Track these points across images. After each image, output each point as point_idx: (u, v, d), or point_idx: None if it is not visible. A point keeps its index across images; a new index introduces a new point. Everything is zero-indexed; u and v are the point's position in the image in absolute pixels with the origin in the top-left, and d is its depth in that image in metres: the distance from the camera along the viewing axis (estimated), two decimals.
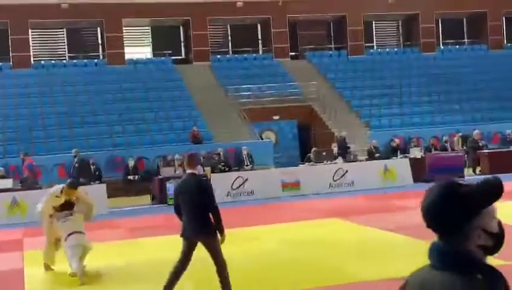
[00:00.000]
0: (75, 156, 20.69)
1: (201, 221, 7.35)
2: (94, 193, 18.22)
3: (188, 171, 7.70)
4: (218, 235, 7.30)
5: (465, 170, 22.05)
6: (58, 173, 21.07)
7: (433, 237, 2.24)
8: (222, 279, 7.38)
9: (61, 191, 9.73)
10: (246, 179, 19.59)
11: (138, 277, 9.54)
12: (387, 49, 33.96)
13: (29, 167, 19.74)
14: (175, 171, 20.18)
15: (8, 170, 20.22)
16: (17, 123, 24.32)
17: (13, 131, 23.91)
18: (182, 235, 7.48)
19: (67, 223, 9.53)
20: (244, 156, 22.10)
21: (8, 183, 18.61)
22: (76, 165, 20.46)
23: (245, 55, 32.11)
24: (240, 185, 19.50)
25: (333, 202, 17.32)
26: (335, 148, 22.11)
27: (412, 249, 10.29)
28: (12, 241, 13.65)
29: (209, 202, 7.40)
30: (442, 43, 34.42)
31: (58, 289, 9.21)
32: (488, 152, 22.50)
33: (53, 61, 30.07)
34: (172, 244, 12.05)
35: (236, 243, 11.87)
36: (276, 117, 27.14)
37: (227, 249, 9.95)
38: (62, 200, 9.65)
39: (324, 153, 22.15)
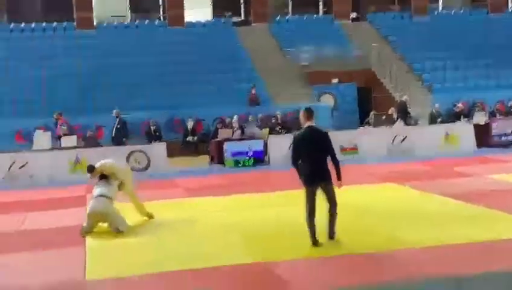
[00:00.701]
0: (116, 117, 20.94)
1: (324, 169, 8.43)
2: (154, 153, 18.70)
3: (307, 124, 8.54)
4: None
5: None
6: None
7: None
8: (333, 217, 8.54)
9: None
10: None
11: (193, 234, 9.69)
12: (453, 10, 32.82)
13: (62, 126, 20.13)
14: (232, 133, 20.27)
15: (72, 128, 20.72)
16: (79, 81, 24.73)
17: (75, 91, 24.36)
18: (306, 183, 8.42)
19: (98, 188, 10.32)
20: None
21: (72, 141, 19.11)
22: (118, 126, 20.74)
23: (305, 16, 31.68)
24: None
25: (392, 167, 17.05)
26: (394, 113, 21.70)
27: (472, 215, 10.08)
28: (76, 197, 14.07)
29: (333, 152, 8.50)
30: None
31: (119, 244, 9.43)
32: None
33: (115, 23, 30.48)
34: (228, 204, 12.30)
35: (297, 204, 11.94)
36: (335, 80, 26.78)
37: (291, 210, 10.03)
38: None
39: (383, 117, 21.77)
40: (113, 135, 20.68)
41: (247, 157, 19.00)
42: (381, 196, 12.50)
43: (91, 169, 10.64)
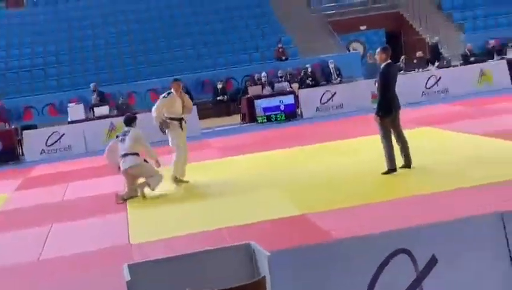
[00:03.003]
0: (93, 91, 20.28)
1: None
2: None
3: (387, 61, 9.37)
4: None
5: None
6: (150, 98, 21.58)
7: None
8: (407, 144, 9.46)
9: None
10: (335, 93, 19.29)
11: (232, 193, 9.73)
12: None
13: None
14: (262, 89, 20.15)
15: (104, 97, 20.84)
16: (95, 52, 24.77)
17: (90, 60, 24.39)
18: (394, 111, 9.35)
19: (121, 144, 10.18)
20: (331, 70, 21.69)
21: (104, 110, 19.25)
22: (98, 98, 20.19)
23: None
24: (328, 100, 19.24)
25: (428, 110, 16.80)
26: (425, 56, 21.28)
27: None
28: None
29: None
30: None
31: (159, 208, 9.52)
32: None
33: None
34: (262, 161, 12.29)
35: (334, 155, 11.90)
36: (363, 27, 26.32)
37: (341, 161, 9.99)
38: None
39: (415, 61, 21.37)
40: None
41: (280, 112, 18.90)
42: (422, 139, 12.24)
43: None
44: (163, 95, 10.91)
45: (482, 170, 9.01)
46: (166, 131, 10.65)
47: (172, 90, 10.70)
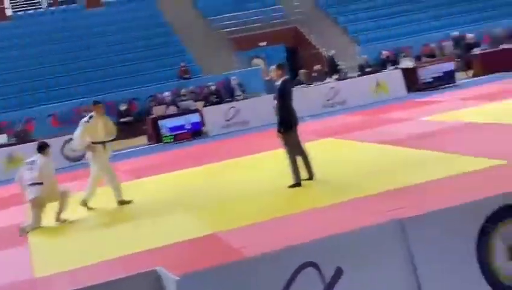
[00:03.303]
0: None
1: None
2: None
3: (284, 77, 9.68)
4: None
5: (459, 74, 21.91)
6: (51, 123, 20.93)
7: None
8: (308, 164, 9.68)
9: None
10: (239, 109, 19.47)
11: (141, 216, 9.58)
12: None
13: None
14: (166, 109, 20.02)
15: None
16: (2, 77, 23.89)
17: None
18: (290, 127, 9.50)
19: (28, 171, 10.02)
20: (235, 86, 21.88)
21: (2, 139, 18.48)
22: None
23: None
24: (233, 116, 19.39)
25: (328, 122, 17.28)
26: (320, 68, 21.94)
27: (410, 159, 10.34)
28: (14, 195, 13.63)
29: None
30: None
31: (62, 237, 9.23)
32: (480, 53, 22.29)
33: (31, 11, 29.40)
34: (170, 182, 12.19)
35: (241, 171, 11.98)
36: (263, 43, 26.72)
37: (248, 176, 10.05)
38: None
39: (314, 74, 21.94)
40: None
41: (185, 131, 18.84)
42: (324, 151, 12.58)
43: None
44: (84, 119, 10.68)
45: (380, 178, 9.35)
46: (88, 155, 10.45)
47: (93, 113, 10.55)
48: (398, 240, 4.30)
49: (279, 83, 9.65)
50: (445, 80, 20.93)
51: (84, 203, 10.42)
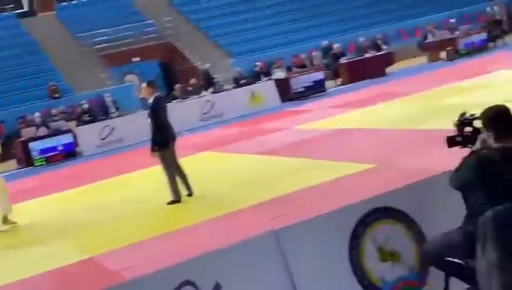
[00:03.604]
0: None
1: None
2: None
3: (155, 94, 9.59)
4: None
5: (328, 82, 22.72)
6: None
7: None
8: (185, 180, 9.64)
9: None
10: (114, 128, 19.03)
11: (9, 246, 9.07)
12: None
13: None
14: (37, 130, 19.16)
15: None
16: None
17: None
18: (170, 142, 9.45)
19: None
20: (108, 103, 21.37)
21: None
22: None
23: None
24: (108, 135, 18.91)
25: (206, 135, 17.29)
26: (196, 82, 22.01)
27: (287, 168, 10.55)
28: None
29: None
30: None
31: None
32: (346, 62, 23.24)
33: None
34: (41, 208, 11.65)
35: (118, 190, 11.65)
36: (136, 59, 26.35)
37: (124, 195, 9.75)
38: None
39: (190, 88, 21.90)
40: None
41: (57, 153, 18.12)
42: (202, 164, 12.56)
43: None
44: None
45: (259, 188, 9.47)
46: None
47: None
48: (274, 250, 4.33)
49: (151, 100, 9.57)
50: (316, 89, 21.64)
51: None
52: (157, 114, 9.46)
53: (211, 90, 21.75)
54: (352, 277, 4.34)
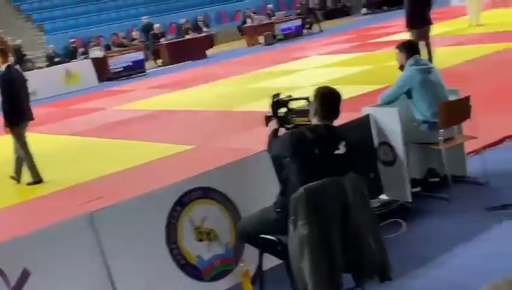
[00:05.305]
0: None
1: None
2: None
3: (6, 64, 8.36)
4: None
5: (148, 63, 22.47)
6: None
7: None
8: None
9: None
10: None
11: None
12: None
13: None
14: None
15: None
16: None
17: None
18: (17, 123, 8.42)
19: None
20: None
21: None
22: None
23: None
24: None
25: None
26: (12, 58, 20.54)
27: (102, 149, 10.26)
28: None
29: None
30: None
31: None
32: (166, 43, 23.10)
33: None
34: None
35: None
36: None
37: None
38: None
39: None
40: None
41: None
42: (5, 147, 11.73)
43: None
44: None
45: (72, 170, 9.09)
46: None
47: None
48: (88, 234, 4.16)
49: (2, 69, 8.37)
50: (136, 69, 21.29)
51: None
52: (10, 86, 8.29)
53: (17, 66, 20.43)
54: (168, 257, 4.31)
